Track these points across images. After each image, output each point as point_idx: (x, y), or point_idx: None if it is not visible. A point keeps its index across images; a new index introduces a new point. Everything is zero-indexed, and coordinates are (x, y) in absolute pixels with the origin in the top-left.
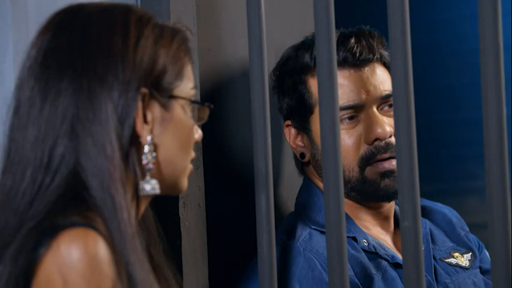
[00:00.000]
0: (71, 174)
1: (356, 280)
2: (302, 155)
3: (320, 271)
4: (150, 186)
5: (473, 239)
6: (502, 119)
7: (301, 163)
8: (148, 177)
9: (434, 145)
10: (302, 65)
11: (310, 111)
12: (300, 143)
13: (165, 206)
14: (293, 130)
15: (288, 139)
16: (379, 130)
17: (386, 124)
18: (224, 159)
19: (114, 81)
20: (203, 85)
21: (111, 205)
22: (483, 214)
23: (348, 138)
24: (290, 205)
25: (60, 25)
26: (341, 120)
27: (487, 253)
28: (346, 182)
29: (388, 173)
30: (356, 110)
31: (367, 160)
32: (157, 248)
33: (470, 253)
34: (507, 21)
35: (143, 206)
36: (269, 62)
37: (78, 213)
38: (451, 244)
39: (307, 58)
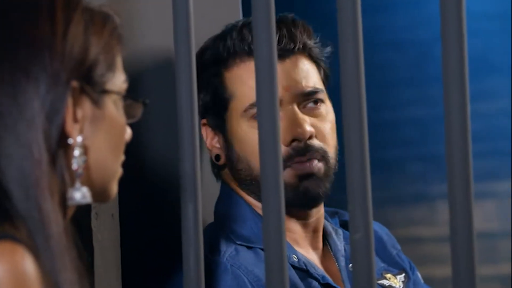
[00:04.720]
0: None
1: None
2: (217, 157)
3: None
4: (81, 194)
5: (405, 259)
6: (466, 120)
7: (217, 167)
8: (77, 184)
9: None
10: (216, 56)
11: (225, 108)
12: (216, 145)
13: (75, 217)
14: (209, 130)
15: (205, 140)
16: (299, 130)
17: (306, 124)
18: (139, 163)
19: (40, 73)
20: None
21: (37, 217)
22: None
23: None
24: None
25: None
26: (255, 117)
27: (419, 275)
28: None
29: (307, 176)
30: None
31: (284, 163)
32: (80, 265)
33: (403, 274)
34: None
35: (68, 217)
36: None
37: None
38: (382, 264)
39: (220, 48)
